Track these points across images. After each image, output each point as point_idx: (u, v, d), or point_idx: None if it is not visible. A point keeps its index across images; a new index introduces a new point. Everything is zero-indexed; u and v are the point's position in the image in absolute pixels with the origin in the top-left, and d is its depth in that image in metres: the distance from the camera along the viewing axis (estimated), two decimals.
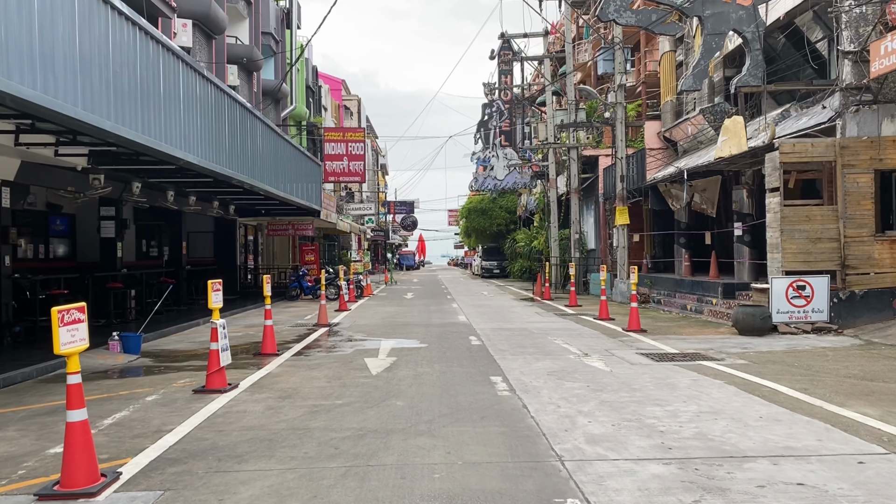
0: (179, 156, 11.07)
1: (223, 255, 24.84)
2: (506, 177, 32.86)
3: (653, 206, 21.46)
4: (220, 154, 13.18)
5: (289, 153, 20.13)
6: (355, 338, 13.42)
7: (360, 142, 29.85)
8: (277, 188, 18.20)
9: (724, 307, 16.48)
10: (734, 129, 17.09)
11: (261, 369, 9.76)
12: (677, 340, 12.31)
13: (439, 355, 10.82)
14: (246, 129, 15.09)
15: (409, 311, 19.73)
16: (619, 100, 21.74)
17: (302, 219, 25.31)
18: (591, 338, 12.83)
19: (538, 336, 13.14)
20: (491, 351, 11.18)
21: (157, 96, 10.12)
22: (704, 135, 22.98)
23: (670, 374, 8.86)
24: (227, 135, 13.63)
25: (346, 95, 57.63)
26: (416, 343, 12.39)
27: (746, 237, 17.43)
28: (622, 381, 8.39)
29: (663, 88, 26.10)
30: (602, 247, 26.60)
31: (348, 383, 8.56)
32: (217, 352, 8.12)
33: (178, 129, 11.01)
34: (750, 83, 17.73)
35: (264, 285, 11.17)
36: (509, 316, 17.63)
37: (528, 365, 9.73)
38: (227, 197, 19.92)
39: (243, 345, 12.57)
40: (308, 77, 35.51)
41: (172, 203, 17.29)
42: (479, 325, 15.18)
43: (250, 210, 23.90)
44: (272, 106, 27.77)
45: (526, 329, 14.37)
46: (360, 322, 16.52)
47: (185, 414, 7.03)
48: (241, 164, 14.67)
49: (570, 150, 26.66)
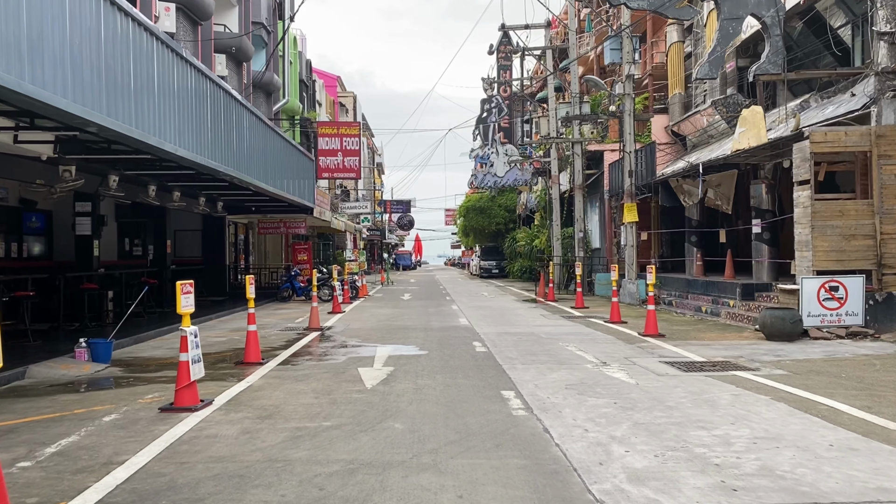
0: (154, 143, 9.98)
1: (211, 254, 23.71)
2: (506, 173, 31.79)
3: (663, 202, 20.42)
4: (201, 144, 12.08)
5: (279, 146, 19.04)
6: (349, 343, 12.33)
7: (356, 136, 28.74)
8: (267, 183, 17.10)
9: (743, 309, 15.45)
10: (753, 119, 16.05)
11: (241, 381, 8.67)
12: (701, 347, 11.25)
13: (441, 364, 9.74)
14: (231, 118, 13.99)
15: (406, 313, 18.64)
16: (628, 91, 20.69)
17: (294, 216, 24.19)
18: (607, 343, 11.76)
19: (548, 342, 12.06)
20: (498, 359, 10.10)
21: (126, 76, 9.02)
22: (715, 128, 21.95)
23: (705, 388, 7.79)
24: (209, 123, 12.53)
25: (341, 92, 56.52)
26: (415, 350, 11.30)
27: (765, 235, 16.40)
28: (653, 397, 7.32)
29: (671, 81, 25.07)
30: (607, 246, 25.54)
31: (339, 399, 7.47)
32: (187, 364, 7.02)
33: (152, 115, 9.91)
34: (769, 71, 16.68)
35: (247, 286, 10.08)
36: (513, 319, 16.55)
37: (543, 376, 8.65)
38: (213, 193, 18.81)
39: (225, 352, 11.47)
40: (302, 71, 34.37)
41: (154, 199, 16.15)
42: (483, 329, 14.10)
43: (240, 207, 22.78)
44: (263, 99, 26.64)
45: (534, 334, 13.30)
46: (354, 326, 15.43)
47: (144, 440, 5.94)
48: (225, 155, 13.58)
49: (573, 146, 25.60)
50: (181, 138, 11.09)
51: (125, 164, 13.12)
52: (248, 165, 15.37)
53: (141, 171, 14.05)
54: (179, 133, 11.00)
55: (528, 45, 29.72)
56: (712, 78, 18.24)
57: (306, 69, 35.92)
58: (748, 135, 16.00)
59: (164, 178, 15.38)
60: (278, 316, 18.26)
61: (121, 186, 14.37)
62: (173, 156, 11.01)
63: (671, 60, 24.76)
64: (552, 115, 27.67)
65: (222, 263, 23.89)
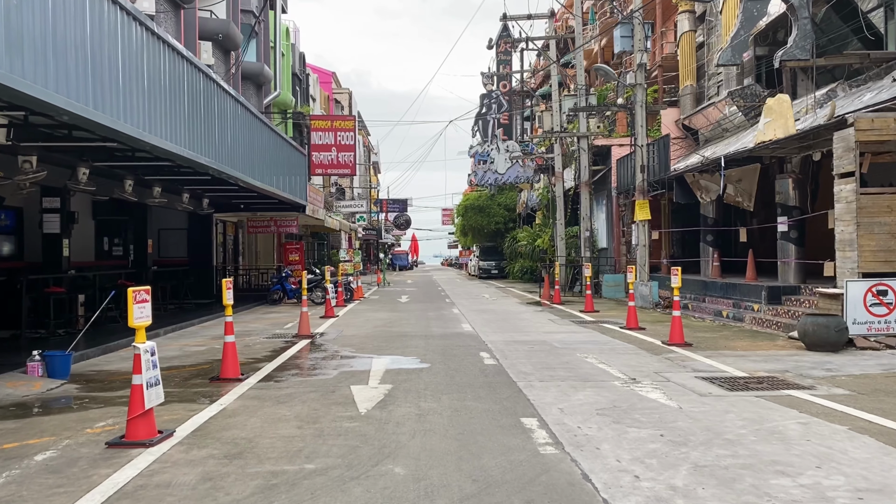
0: (119, 129, 8.73)
1: (198, 254, 22.40)
2: (507, 170, 30.52)
3: (678, 198, 19.18)
4: (176, 132, 10.81)
5: (269, 139, 17.76)
6: (341, 354, 11.06)
7: (350, 131, 27.44)
8: (254, 178, 15.82)
9: (769, 314, 14.23)
10: (779, 109, 14.84)
11: (213, 403, 7.40)
12: (736, 358, 10.02)
13: (447, 381, 8.48)
14: (213, 105, 12.72)
15: (404, 317, 17.38)
16: (639, 81, 19.45)
17: (285, 214, 22.90)
18: (630, 355, 10.51)
19: (564, 352, 10.81)
20: (511, 374, 8.85)
21: (81, 49, 7.76)
22: (731, 121, 20.75)
23: (763, 414, 6.55)
24: (186, 110, 11.25)
25: (336, 89, 55.25)
26: (415, 362, 10.04)
27: (792, 233, 15.18)
28: (705, 427, 6.08)
29: (682, 72, 23.87)
30: (615, 245, 24.32)
31: (327, 429, 6.21)
32: (141, 389, 5.76)
33: (116, 96, 8.64)
34: (797, 57, 15.49)
35: (224, 292, 8.80)
36: (521, 324, 15.30)
37: (566, 397, 7.40)
38: (197, 188, 17.54)
39: (202, 364, 10.20)
40: (295, 64, 33.09)
41: (132, 194, 14.85)
42: (489, 337, 12.85)
43: (227, 204, 21.52)
44: (254, 91, 25.35)
45: (546, 342, 12.05)
46: (348, 332, 14.17)
47: (76, 491, 4.67)
48: (206, 146, 12.31)
49: (579, 140, 24.35)
50: (153, 125, 9.82)
51: (93, 153, 11.83)
52: (233, 158, 14.10)
53: (113, 162, 12.76)
54: (151, 118, 9.73)
55: (531, 35, 28.42)
56: (735, 64, 17.04)
57: (300, 62, 34.64)
58: (774, 125, 14.78)
59: (140, 171, 14.11)
60: (267, 321, 16.99)
61: (92, 180, 13.09)
62: (144, 144, 9.75)
63: (682, 51, 23.56)
64: (556, 107, 26.43)
65: (209, 264, 22.59)
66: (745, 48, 16.76)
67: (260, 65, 24.93)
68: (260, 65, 24.93)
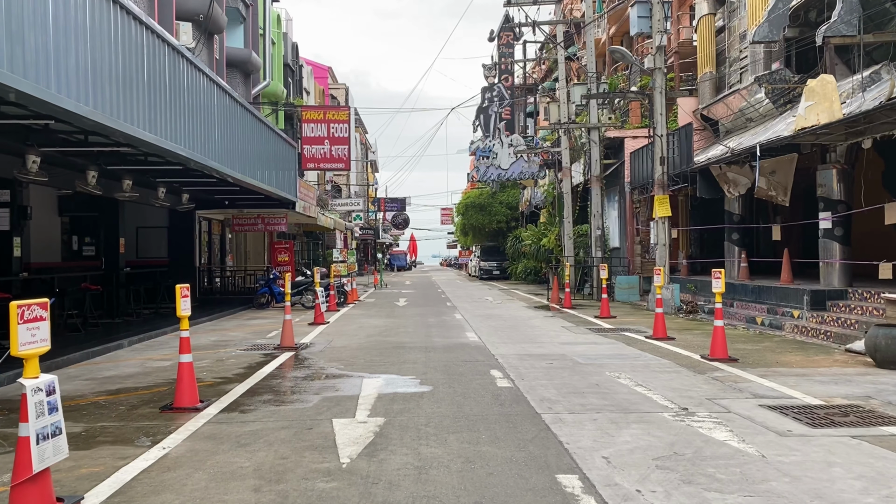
0: (48, 99, 7.07)
1: (179, 253, 20.76)
2: (511, 165, 28.90)
3: (701, 193, 17.54)
4: (132, 111, 9.17)
5: (253, 128, 16.10)
6: (327, 371, 9.40)
7: (345, 122, 25.76)
8: (234, 169, 14.16)
9: (814, 321, 12.60)
10: (823, 91, 13.19)
11: (155, 446, 5.74)
12: (796, 378, 8.38)
13: (454, 412, 6.83)
14: (180, 82, 11.05)
15: (402, 324, 15.72)
16: (658, 64, 17.81)
17: (274, 212, 21.23)
18: (669, 373, 8.86)
19: (590, 370, 9.16)
20: (532, 402, 7.20)
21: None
22: (756, 110, 19.10)
23: (880, 467, 4.91)
24: (145, 84, 9.59)
25: (332, 84, 53.58)
26: (414, 383, 8.39)
27: (837, 230, 13.55)
28: (811, 490, 4.43)
29: (700, 59, 22.23)
30: (629, 245, 22.67)
31: (293, 494, 4.54)
32: (27, 444, 4.10)
33: (42, 57, 7.00)
34: (842, 32, 13.87)
35: (178, 301, 7.11)
36: (532, 333, 13.64)
37: (609, 438, 5.75)
38: (171, 181, 15.87)
39: (161, 385, 8.53)
40: (287, 54, 31.43)
41: (96, 187, 13.21)
42: (499, 349, 11.20)
43: (210, 200, 19.85)
44: (241, 80, 23.67)
45: (565, 356, 10.39)
46: (337, 343, 12.50)
47: None
48: (172, 130, 10.65)
49: (589, 132, 22.70)
50: (101, 100, 8.19)
51: (38, 137, 10.17)
52: (208, 146, 12.45)
53: (64, 148, 11.09)
54: (97, 92, 8.09)
55: (538, 20, 26.67)
56: (773, 40, 15.42)
57: (292, 53, 32.98)
58: (817, 109, 13.15)
59: (101, 159, 12.46)
60: (249, 328, 15.32)
61: (47, 170, 11.45)
62: (86, 122, 8.11)
63: (701, 35, 21.91)
64: (563, 97, 24.76)
65: (191, 265, 20.93)
66: (783, 22, 15.14)
67: (248, 51, 23.26)
68: (248, 51, 23.26)
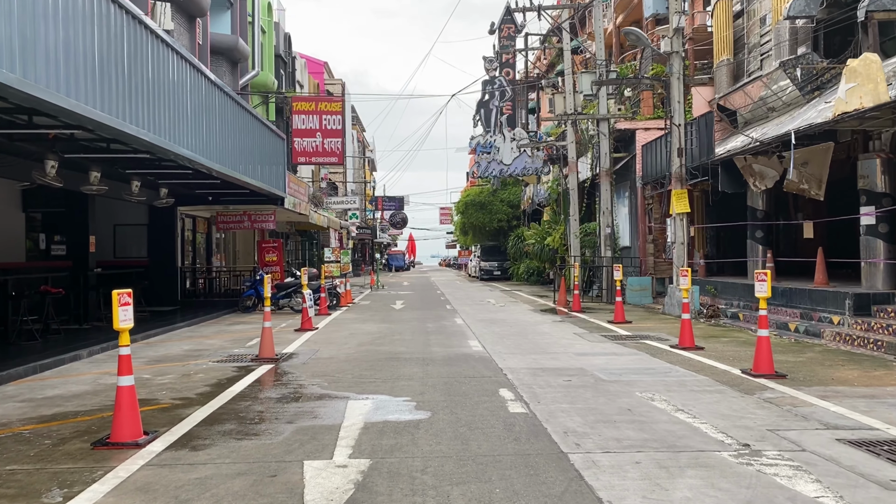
0: None
1: (159, 253, 19.36)
2: (514, 160, 27.53)
3: (723, 187, 16.16)
4: (80, 85, 7.78)
5: (236, 116, 14.71)
6: (307, 391, 8.02)
7: (338, 114, 24.35)
8: (213, 160, 12.77)
9: (858, 329, 11.24)
10: (866, 71, 11.82)
11: (69, 502, 4.36)
12: (864, 400, 7.00)
13: (458, 451, 5.44)
14: (142, 54, 9.66)
15: (397, 330, 14.34)
16: (676, 48, 16.45)
17: (261, 208, 19.83)
18: (711, 393, 7.47)
19: (616, 388, 7.77)
20: (554, 436, 5.81)
21: None
22: (779, 98, 17.69)
23: None
24: (95, 56, 8.20)
25: (328, 79, 52.16)
26: (408, 408, 6.99)
27: (881, 227, 12.20)
28: None
29: (717, 45, 20.85)
30: (640, 244, 21.28)
31: None
32: None
33: None
34: (887, 7, 12.52)
35: (114, 311, 5.73)
36: (542, 341, 12.25)
37: (662, 494, 4.37)
38: (145, 173, 14.48)
39: (106, 409, 7.13)
40: (279, 45, 30.03)
41: (56, 179, 11.82)
42: (507, 362, 9.81)
43: (192, 196, 18.46)
44: (228, 69, 22.28)
45: (585, 371, 9.01)
46: (324, 353, 11.11)
47: None
48: (133, 109, 9.27)
49: (598, 123, 21.32)
50: (36, 70, 6.82)
51: None
52: (178, 133, 11.07)
53: (11, 130, 9.69)
54: (25, 57, 6.70)
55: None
56: (809, 15, 14.07)
57: (285, 44, 31.58)
58: (860, 91, 11.76)
59: (57, 146, 11.06)
60: (229, 335, 13.92)
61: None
62: (15, 94, 6.72)
63: (717, 21, 20.53)
64: (569, 88, 23.37)
65: (173, 265, 19.53)
66: None
67: (234, 38, 21.87)
68: (234, 38, 21.87)
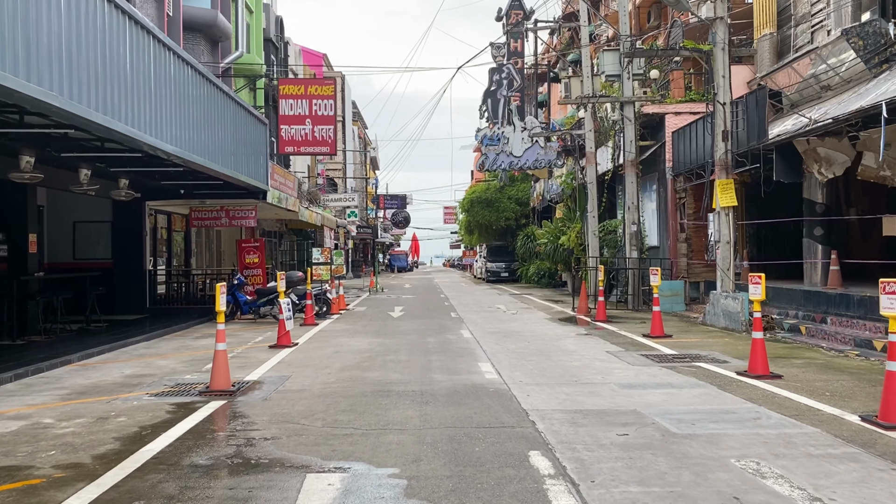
0: None
1: (124, 254, 17.04)
2: (524, 152, 25.14)
3: (779, 176, 13.74)
4: None
5: (203, 93, 12.33)
6: (253, 452, 5.62)
7: (330, 98, 21.96)
8: (161, 139, 10.38)
9: None
10: None
11: None
12: None
13: None
14: (86, 22, 7.28)
15: (392, 346, 11.95)
16: (720, 13, 14.05)
17: (241, 203, 17.49)
18: (838, 460, 5.07)
19: (697, 451, 5.37)
20: None
21: None
22: (836, 73, 15.27)
23: None
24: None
25: (327, 72, 49.80)
26: (394, 496, 4.60)
27: None
28: None
29: (758, 18, 18.46)
30: (671, 243, 18.84)
31: None
32: None
33: None
34: None
35: None
36: (571, 363, 9.84)
37: None
38: (93, 157, 12.10)
39: None
40: (269, 28, 27.69)
41: None
42: (532, 399, 7.41)
43: (160, 189, 16.07)
44: (207, 48, 19.95)
45: (641, 415, 6.60)
46: (296, 382, 8.71)
47: None
48: (49, 69, 6.90)
49: (623, 107, 18.90)
50: None
51: None
52: (122, 106, 8.69)
53: None
54: None
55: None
56: None
57: (276, 27, 29.25)
58: None
59: None
60: (189, 352, 11.55)
61: None
62: None
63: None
64: (587, 72, 20.96)
65: (140, 267, 17.19)
66: None
67: (213, 12, 19.51)
68: (213, 12, 19.51)
